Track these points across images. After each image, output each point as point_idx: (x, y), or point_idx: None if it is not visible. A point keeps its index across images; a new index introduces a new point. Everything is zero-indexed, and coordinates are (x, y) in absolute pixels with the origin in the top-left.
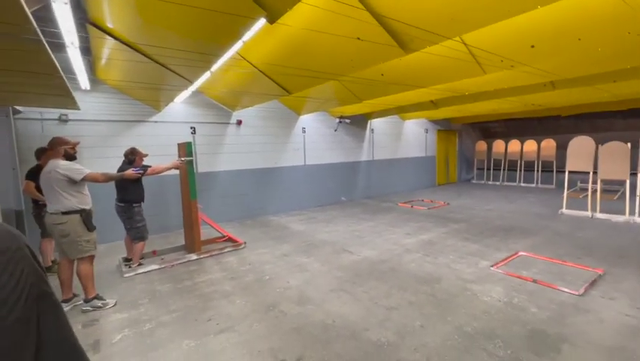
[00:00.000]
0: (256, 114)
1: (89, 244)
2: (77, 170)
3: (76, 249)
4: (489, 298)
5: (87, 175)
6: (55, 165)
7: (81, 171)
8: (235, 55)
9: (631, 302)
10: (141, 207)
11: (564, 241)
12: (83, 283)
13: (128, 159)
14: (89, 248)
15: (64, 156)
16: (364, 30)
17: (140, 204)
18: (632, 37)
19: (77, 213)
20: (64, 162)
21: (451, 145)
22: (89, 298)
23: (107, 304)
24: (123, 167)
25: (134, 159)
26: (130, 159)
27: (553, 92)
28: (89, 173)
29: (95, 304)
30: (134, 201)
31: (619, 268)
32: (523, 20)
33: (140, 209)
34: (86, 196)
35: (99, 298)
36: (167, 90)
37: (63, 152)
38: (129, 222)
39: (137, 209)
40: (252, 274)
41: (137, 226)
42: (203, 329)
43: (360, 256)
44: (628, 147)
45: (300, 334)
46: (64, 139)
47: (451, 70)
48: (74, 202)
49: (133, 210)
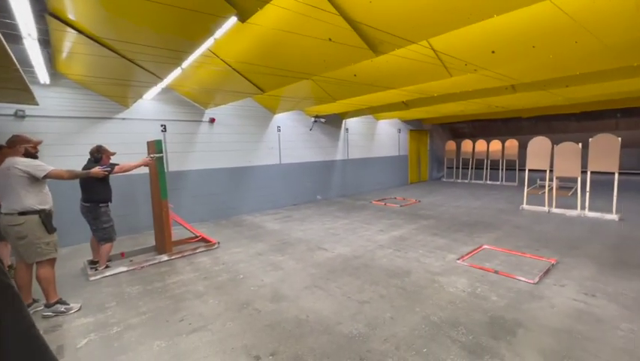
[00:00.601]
0: (230, 112)
1: (49, 247)
2: (39, 166)
3: (34, 252)
4: (454, 289)
5: (50, 172)
6: (13, 161)
7: (44, 168)
8: (207, 52)
9: (579, 288)
10: (108, 207)
11: (524, 234)
12: (43, 288)
13: (94, 157)
14: (48, 251)
15: (24, 155)
16: (336, 32)
17: (108, 204)
18: (579, 47)
19: (36, 214)
20: (25, 158)
21: (422, 145)
22: (50, 303)
23: (70, 309)
24: (89, 165)
25: (100, 157)
26: (96, 157)
27: (514, 95)
28: (52, 170)
29: (58, 309)
30: (100, 201)
31: (570, 257)
32: (484, 28)
33: (107, 209)
34: (47, 195)
35: (62, 302)
36: (135, 86)
37: (23, 151)
38: (95, 223)
39: (103, 209)
40: (226, 274)
41: (104, 227)
42: (175, 329)
43: (335, 252)
44: (579, 147)
45: (274, 330)
46: (25, 137)
47: (420, 72)
48: (33, 202)
49: (99, 211)
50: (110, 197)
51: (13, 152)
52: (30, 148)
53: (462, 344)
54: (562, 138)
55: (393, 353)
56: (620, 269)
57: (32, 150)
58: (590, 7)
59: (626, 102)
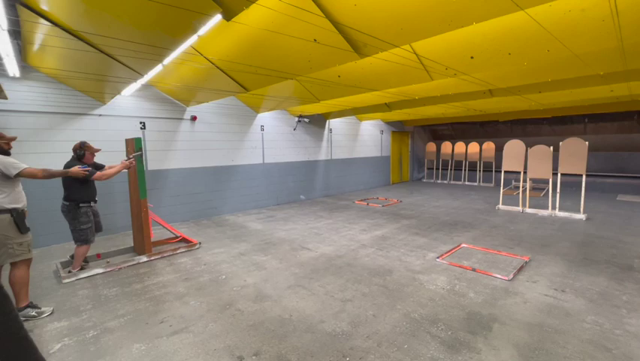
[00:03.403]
0: (212, 110)
1: (22, 248)
2: (12, 163)
3: (6, 253)
4: (434, 287)
5: (23, 170)
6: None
7: (17, 166)
8: (190, 49)
9: (550, 284)
10: (90, 207)
11: (499, 233)
12: (15, 291)
13: (77, 154)
14: (21, 251)
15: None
16: (321, 34)
17: (89, 204)
18: (550, 55)
19: (7, 213)
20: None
21: (404, 146)
22: (20, 307)
23: (42, 313)
24: (71, 163)
25: (83, 154)
26: (79, 154)
27: (491, 99)
28: (25, 168)
29: (28, 314)
30: (81, 201)
31: (542, 255)
32: (463, 34)
33: (87, 210)
34: (20, 194)
35: (32, 306)
36: (113, 82)
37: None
38: (73, 223)
39: (83, 209)
40: (208, 275)
41: (82, 228)
42: (155, 331)
43: (318, 252)
44: (550, 150)
45: (257, 330)
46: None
47: (402, 75)
48: (4, 201)
49: (79, 211)
50: (93, 197)
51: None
52: (3, 144)
53: (441, 340)
54: (535, 141)
55: (375, 349)
56: (586, 266)
57: (5, 146)
58: (561, 19)
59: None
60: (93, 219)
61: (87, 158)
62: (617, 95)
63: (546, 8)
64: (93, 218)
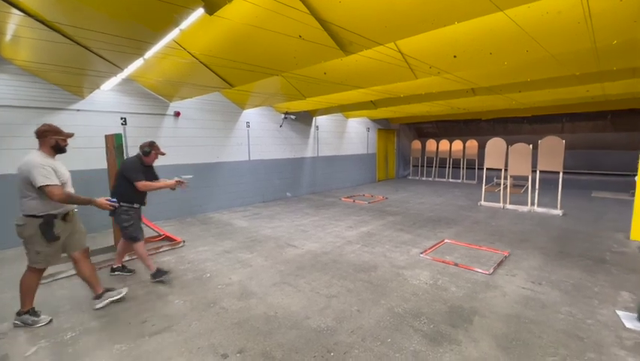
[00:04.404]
0: (196, 106)
1: (39, 257)
2: (40, 173)
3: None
4: (418, 282)
5: (46, 187)
6: (29, 157)
7: (41, 180)
8: (172, 43)
9: (527, 277)
10: (132, 208)
11: (481, 229)
12: (20, 293)
13: (143, 152)
14: (37, 260)
15: (52, 148)
16: (306, 31)
17: (132, 205)
18: (529, 56)
19: (38, 219)
20: (38, 157)
21: (390, 143)
22: (21, 310)
23: (37, 322)
24: (133, 160)
25: (149, 152)
26: (145, 152)
27: (474, 98)
28: (51, 185)
29: (25, 320)
30: (122, 199)
31: (521, 249)
32: (446, 34)
33: (128, 209)
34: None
35: (33, 313)
36: (92, 76)
37: (53, 143)
38: (118, 220)
39: (124, 208)
40: (192, 273)
41: (124, 225)
42: (137, 331)
43: (304, 249)
44: (530, 148)
45: (242, 328)
46: (56, 128)
47: (387, 73)
48: (35, 206)
49: (119, 209)
50: (139, 200)
51: (41, 143)
52: (60, 141)
53: (423, 333)
54: (516, 140)
55: (359, 344)
56: (562, 259)
57: (62, 142)
58: (539, 21)
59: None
60: (137, 218)
61: (151, 157)
62: (592, 95)
63: (525, 10)
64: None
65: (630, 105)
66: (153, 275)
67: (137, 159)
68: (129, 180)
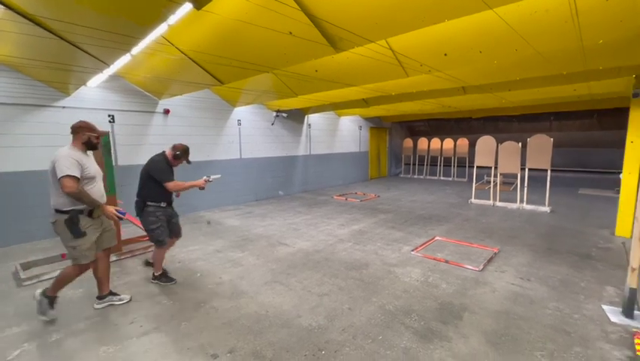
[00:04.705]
0: (186, 104)
1: (75, 252)
2: (64, 165)
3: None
4: (409, 279)
5: (62, 178)
6: (59, 151)
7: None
8: (160, 39)
9: (516, 274)
10: (160, 208)
11: (471, 226)
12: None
13: (175, 155)
14: (75, 256)
15: (84, 145)
16: (297, 27)
17: (159, 204)
18: (518, 54)
19: (64, 214)
20: (66, 150)
21: (382, 142)
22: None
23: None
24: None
25: (180, 156)
26: (176, 155)
27: (464, 96)
28: (68, 175)
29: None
30: (149, 199)
31: (510, 246)
32: (437, 32)
33: (155, 209)
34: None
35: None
36: (77, 72)
37: (86, 139)
38: (144, 222)
39: (150, 208)
40: (182, 272)
41: (150, 227)
42: (125, 332)
43: (295, 247)
44: (519, 146)
45: (232, 327)
46: (90, 125)
47: (379, 71)
48: (62, 201)
49: (146, 209)
50: (166, 198)
51: (74, 138)
52: (93, 138)
53: (414, 330)
54: (506, 138)
55: (350, 342)
56: (550, 255)
57: (95, 140)
58: (528, 19)
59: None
60: (165, 220)
61: (179, 162)
62: (578, 94)
63: (514, 8)
64: (165, 219)
65: (616, 104)
66: (157, 276)
67: (164, 159)
68: (157, 181)
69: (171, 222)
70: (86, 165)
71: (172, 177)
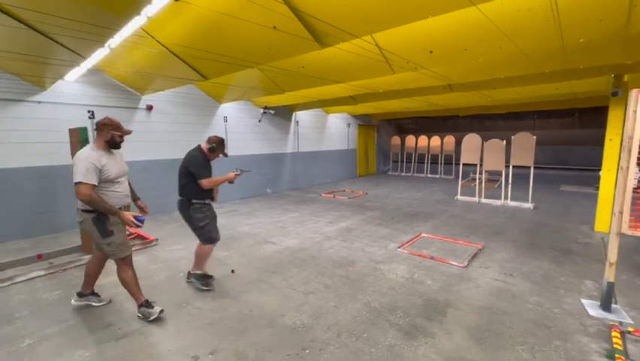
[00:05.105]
0: (170, 99)
1: (111, 248)
2: (81, 170)
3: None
4: (394, 276)
5: (78, 184)
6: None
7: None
8: (140, 31)
9: (500, 269)
10: (205, 204)
11: (457, 223)
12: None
13: (211, 147)
14: (112, 251)
15: (107, 142)
16: (281, 21)
17: (204, 201)
18: (502, 52)
19: (91, 213)
20: (86, 152)
21: (370, 139)
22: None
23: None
24: (198, 155)
25: (215, 149)
26: (212, 148)
27: (451, 94)
28: (82, 182)
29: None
30: (193, 197)
31: (494, 242)
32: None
33: (200, 206)
34: (109, 194)
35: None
36: (53, 65)
37: (109, 137)
38: (189, 221)
39: (196, 206)
40: (164, 272)
41: (199, 225)
42: (102, 336)
43: (282, 246)
44: (503, 143)
45: (215, 328)
46: (115, 122)
47: (365, 68)
48: None
49: (192, 207)
50: (209, 195)
51: (97, 135)
52: (116, 137)
53: (399, 327)
54: (491, 136)
55: (335, 340)
56: (532, 251)
57: (118, 139)
58: (511, 17)
59: (541, 105)
60: (211, 216)
61: (215, 155)
62: (560, 93)
63: (497, 6)
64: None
65: (596, 103)
66: (198, 276)
67: (202, 154)
68: (195, 177)
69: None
70: (107, 166)
71: (209, 174)
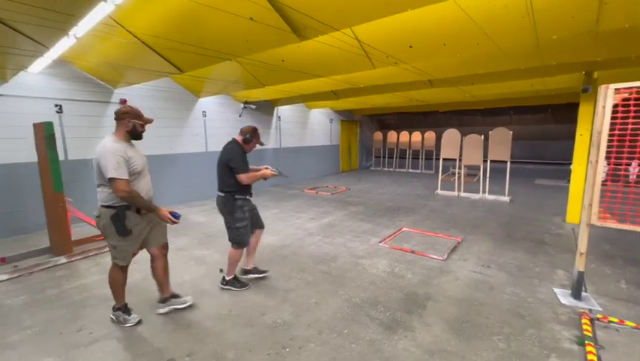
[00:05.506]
0: (146, 93)
1: (116, 251)
2: (112, 164)
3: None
4: (376, 270)
5: (114, 179)
6: (104, 142)
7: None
8: (108, 20)
9: (478, 261)
10: (246, 200)
11: (437, 217)
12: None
13: (245, 138)
14: (114, 255)
15: (128, 133)
16: (258, 12)
17: (246, 197)
18: (480, 48)
19: (111, 209)
20: (110, 143)
21: (352, 135)
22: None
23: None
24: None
25: (250, 139)
26: (247, 139)
27: (431, 90)
28: (118, 178)
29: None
30: (236, 192)
31: (472, 235)
32: (402, 23)
33: (242, 203)
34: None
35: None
36: (14, 55)
37: (131, 127)
38: (229, 219)
39: (239, 202)
40: (140, 273)
41: (237, 225)
42: (72, 341)
43: (263, 243)
44: (481, 138)
45: (192, 329)
46: (137, 111)
47: (346, 62)
48: (109, 196)
49: (235, 203)
50: (249, 190)
51: (117, 125)
52: (138, 126)
53: (380, 322)
54: (470, 131)
55: (316, 337)
56: (508, 243)
57: (140, 128)
58: (488, 13)
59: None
60: (249, 216)
61: (251, 146)
62: (535, 89)
63: (475, 1)
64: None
65: (568, 99)
66: (229, 281)
67: (239, 147)
68: (233, 171)
69: (254, 214)
70: (133, 158)
71: (247, 169)
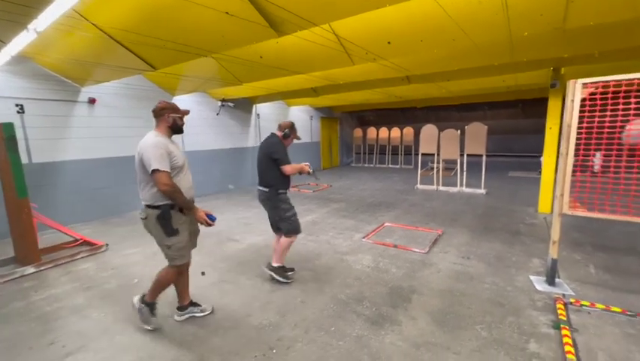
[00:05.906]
0: (116, 92)
1: (171, 251)
2: (155, 157)
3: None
4: (360, 266)
5: (157, 171)
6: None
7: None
8: (72, 13)
9: (458, 253)
10: (287, 194)
11: (417, 211)
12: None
13: (284, 133)
14: (172, 256)
15: (170, 128)
16: (234, 6)
17: (286, 190)
18: (456, 44)
19: (156, 209)
20: (153, 137)
21: (333, 132)
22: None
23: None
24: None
25: (288, 134)
26: (285, 134)
27: (409, 86)
28: (161, 170)
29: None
30: (279, 187)
31: (452, 227)
32: (380, 18)
33: (286, 196)
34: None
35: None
36: None
37: (171, 122)
38: (275, 212)
39: (283, 196)
40: (116, 280)
41: (287, 215)
42: (41, 356)
43: (245, 243)
44: (458, 133)
45: (175, 335)
46: (173, 105)
47: (325, 58)
48: (153, 195)
49: (278, 198)
50: (289, 184)
51: (158, 122)
52: (177, 119)
53: (366, 317)
54: (447, 126)
55: (302, 337)
56: (486, 234)
57: (179, 121)
58: (463, 9)
59: (491, 97)
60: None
61: (289, 140)
62: (507, 85)
63: None
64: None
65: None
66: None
67: (279, 140)
68: (277, 163)
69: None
70: (174, 153)
71: (289, 160)
